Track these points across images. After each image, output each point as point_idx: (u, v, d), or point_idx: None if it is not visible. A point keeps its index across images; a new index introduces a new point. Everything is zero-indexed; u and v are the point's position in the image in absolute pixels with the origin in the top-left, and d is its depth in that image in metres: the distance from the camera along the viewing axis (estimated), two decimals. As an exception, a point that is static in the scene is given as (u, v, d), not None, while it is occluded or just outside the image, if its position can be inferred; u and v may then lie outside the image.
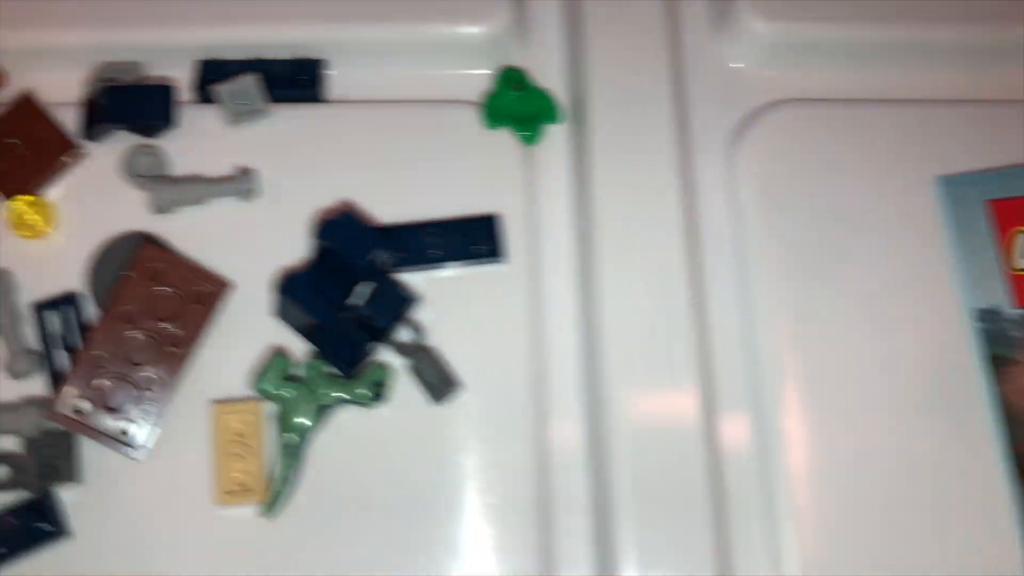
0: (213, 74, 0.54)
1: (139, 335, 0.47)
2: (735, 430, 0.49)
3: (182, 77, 0.55)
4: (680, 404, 0.48)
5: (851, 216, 0.52)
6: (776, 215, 0.52)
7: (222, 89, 0.52)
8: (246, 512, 0.47)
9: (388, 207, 0.52)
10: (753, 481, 0.48)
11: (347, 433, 0.48)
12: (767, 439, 0.49)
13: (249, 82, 0.52)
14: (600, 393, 0.49)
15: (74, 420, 0.46)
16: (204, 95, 0.54)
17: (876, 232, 0.52)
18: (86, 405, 0.47)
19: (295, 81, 0.54)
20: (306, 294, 0.48)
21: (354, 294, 0.48)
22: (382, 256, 0.47)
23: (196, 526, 0.47)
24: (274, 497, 0.46)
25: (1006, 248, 0.51)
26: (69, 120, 0.53)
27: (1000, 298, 0.50)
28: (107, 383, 0.47)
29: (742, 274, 0.52)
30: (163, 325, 0.48)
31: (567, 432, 0.50)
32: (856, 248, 0.52)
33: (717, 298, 0.51)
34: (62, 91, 0.54)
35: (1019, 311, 0.49)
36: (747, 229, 0.52)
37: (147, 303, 0.48)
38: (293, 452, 0.47)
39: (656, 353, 0.48)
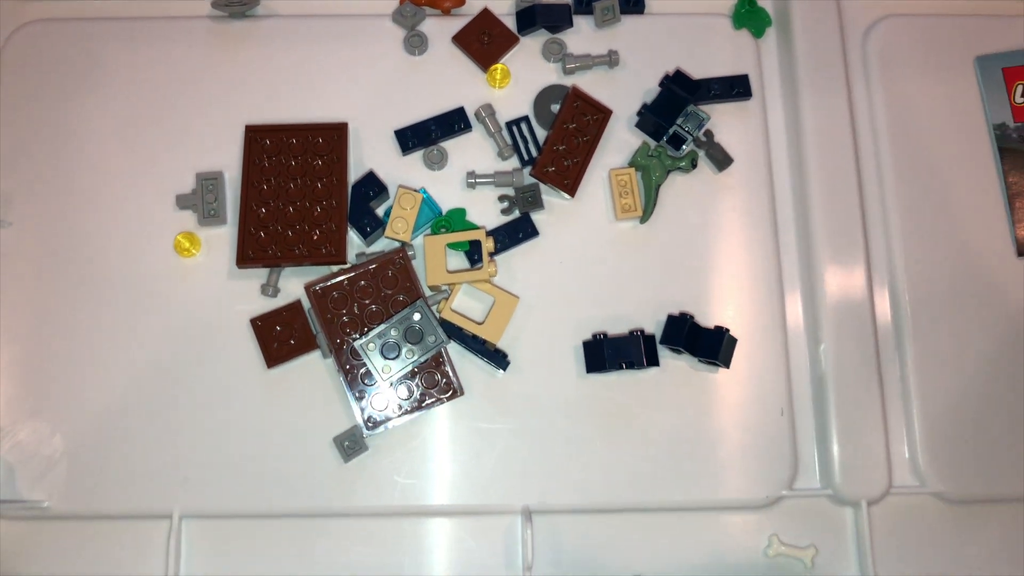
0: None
1: (572, 136, 0.92)
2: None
3: None
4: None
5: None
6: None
7: (597, 5, 0.96)
8: (630, 223, 0.93)
9: (689, 69, 0.96)
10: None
11: (674, 190, 0.94)
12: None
13: (613, 1, 0.96)
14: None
15: (545, 175, 0.91)
16: (578, 10, 0.98)
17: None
18: (551, 169, 0.91)
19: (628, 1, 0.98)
20: (657, 112, 0.92)
21: (681, 115, 0.93)
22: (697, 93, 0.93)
23: (601, 231, 0.93)
24: (646, 214, 0.92)
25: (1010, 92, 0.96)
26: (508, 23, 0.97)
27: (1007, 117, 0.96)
28: (559, 159, 0.92)
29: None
30: (581, 131, 0.93)
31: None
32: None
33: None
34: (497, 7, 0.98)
35: (1018, 125, 0.95)
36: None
37: (574, 120, 0.93)
38: (654, 191, 0.92)
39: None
